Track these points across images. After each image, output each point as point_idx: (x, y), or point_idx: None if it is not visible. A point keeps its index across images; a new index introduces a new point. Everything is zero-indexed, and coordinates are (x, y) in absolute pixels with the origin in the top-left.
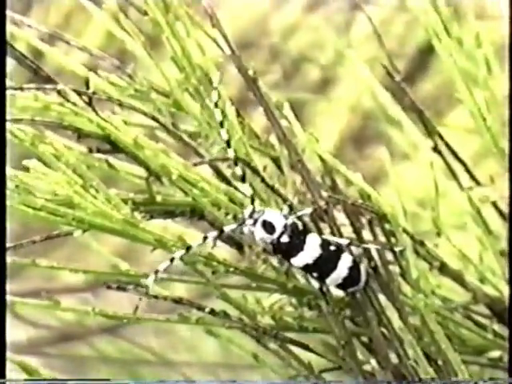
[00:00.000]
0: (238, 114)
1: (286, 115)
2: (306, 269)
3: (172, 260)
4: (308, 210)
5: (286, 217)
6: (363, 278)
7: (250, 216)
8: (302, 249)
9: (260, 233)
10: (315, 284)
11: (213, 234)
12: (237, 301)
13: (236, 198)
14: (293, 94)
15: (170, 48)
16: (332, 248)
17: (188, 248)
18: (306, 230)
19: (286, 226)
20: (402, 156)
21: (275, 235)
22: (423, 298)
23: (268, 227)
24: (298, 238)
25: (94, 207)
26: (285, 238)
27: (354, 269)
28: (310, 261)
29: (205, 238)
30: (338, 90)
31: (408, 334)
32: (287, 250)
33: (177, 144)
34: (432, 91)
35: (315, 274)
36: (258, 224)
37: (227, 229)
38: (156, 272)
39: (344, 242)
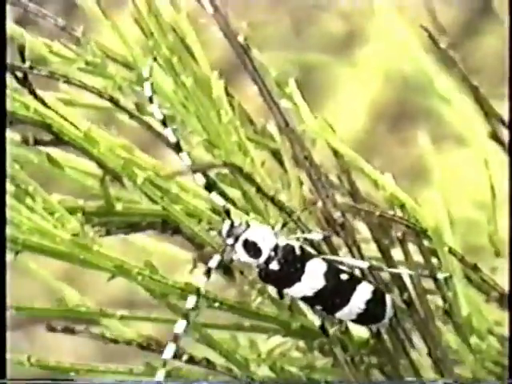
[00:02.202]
0: (227, 93)
1: (290, 93)
2: (305, 300)
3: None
4: (316, 235)
5: (277, 235)
6: (388, 312)
7: (229, 233)
8: (298, 279)
9: (242, 255)
10: (316, 320)
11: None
12: (224, 345)
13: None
14: (304, 54)
15: (132, 3)
16: (344, 277)
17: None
18: (305, 255)
19: (276, 249)
20: (453, 142)
21: (261, 259)
22: (477, 341)
23: (251, 249)
24: (293, 265)
25: (29, 223)
26: (274, 265)
27: (375, 302)
28: (310, 293)
29: (208, 270)
30: (365, 49)
31: None
32: (278, 279)
33: (143, 133)
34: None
35: (318, 307)
36: (239, 243)
37: (213, 264)
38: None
39: (363, 264)
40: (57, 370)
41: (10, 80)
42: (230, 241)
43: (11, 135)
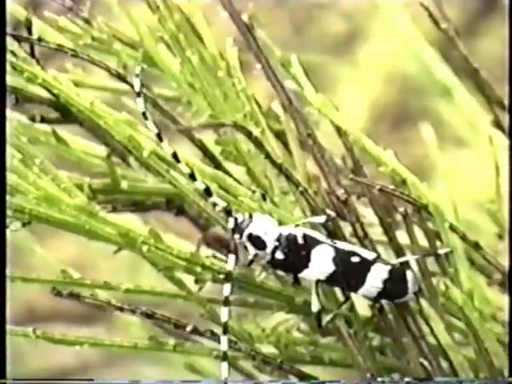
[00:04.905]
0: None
1: (294, 74)
2: (321, 283)
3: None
4: (319, 219)
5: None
6: (411, 287)
7: (234, 230)
8: (306, 265)
9: (250, 248)
10: (314, 306)
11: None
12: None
13: (226, 183)
14: (305, 53)
15: None
16: (355, 260)
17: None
18: (309, 243)
19: (279, 239)
20: (455, 142)
21: (268, 250)
22: (478, 317)
23: (257, 242)
24: (297, 253)
25: (37, 191)
26: (279, 255)
27: (394, 280)
28: (322, 277)
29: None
30: (367, 49)
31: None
32: (286, 266)
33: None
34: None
35: (336, 288)
36: (244, 238)
37: (231, 266)
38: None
39: (369, 256)
40: (62, 343)
41: (17, 51)
42: (237, 236)
43: (18, 116)
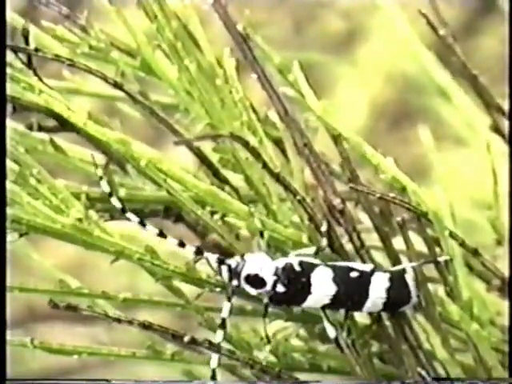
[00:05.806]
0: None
1: (293, 80)
2: (327, 308)
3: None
4: (309, 250)
5: (273, 258)
6: (414, 291)
7: (231, 277)
8: (309, 292)
9: (250, 290)
10: (331, 333)
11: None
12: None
13: (221, 198)
14: (305, 52)
15: None
16: (354, 275)
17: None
18: (306, 269)
19: (277, 272)
20: (453, 141)
21: (268, 287)
22: (477, 327)
23: (255, 281)
24: (297, 282)
25: (33, 204)
26: (280, 288)
27: (396, 287)
28: (327, 301)
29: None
30: (366, 48)
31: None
32: (289, 299)
33: (146, 120)
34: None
35: (342, 310)
36: (242, 280)
37: (225, 314)
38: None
39: (367, 268)
40: (60, 353)
41: (14, 61)
42: (235, 282)
43: (15, 124)
